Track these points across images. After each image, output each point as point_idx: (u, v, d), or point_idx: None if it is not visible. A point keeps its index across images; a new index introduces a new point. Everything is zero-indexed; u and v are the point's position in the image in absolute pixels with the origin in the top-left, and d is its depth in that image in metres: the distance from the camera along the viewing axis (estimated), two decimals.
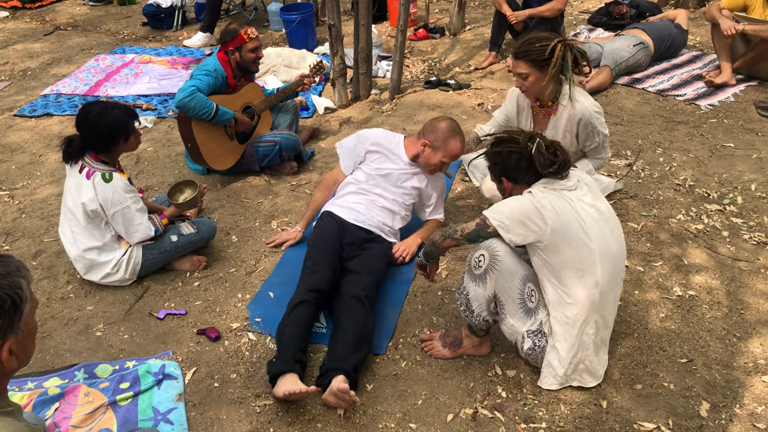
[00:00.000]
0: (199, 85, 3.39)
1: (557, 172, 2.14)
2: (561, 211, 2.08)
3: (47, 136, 4.50)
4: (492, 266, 2.19)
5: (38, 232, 3.41)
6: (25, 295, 1.30)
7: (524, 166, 2.17)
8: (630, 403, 2.26)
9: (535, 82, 2.71)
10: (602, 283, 2.13)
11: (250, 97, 3.77)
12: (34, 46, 6.37)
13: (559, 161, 2.13)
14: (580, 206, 2.12)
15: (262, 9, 7.00)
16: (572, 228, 2.08)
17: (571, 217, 2.09)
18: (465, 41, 6.07)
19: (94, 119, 2.66)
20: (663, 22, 5.25)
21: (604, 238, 2.13)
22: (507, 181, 2.24)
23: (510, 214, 2.13)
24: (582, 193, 2.16)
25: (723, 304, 2.70)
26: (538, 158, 2.13)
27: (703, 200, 3.41)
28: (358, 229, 2.89)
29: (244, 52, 3.59)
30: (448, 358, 2.49)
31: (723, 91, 4.64)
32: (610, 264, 2.15)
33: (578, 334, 2.18)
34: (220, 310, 2.79)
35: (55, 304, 2.87)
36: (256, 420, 2.25)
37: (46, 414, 2.25)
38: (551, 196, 2.11)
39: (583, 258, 2.10)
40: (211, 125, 3.53)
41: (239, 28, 3.56)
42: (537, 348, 2.25)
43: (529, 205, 2.10)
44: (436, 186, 3.12)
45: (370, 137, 3.08)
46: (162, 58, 5.82)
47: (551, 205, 2.08)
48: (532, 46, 2.65)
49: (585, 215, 2.11)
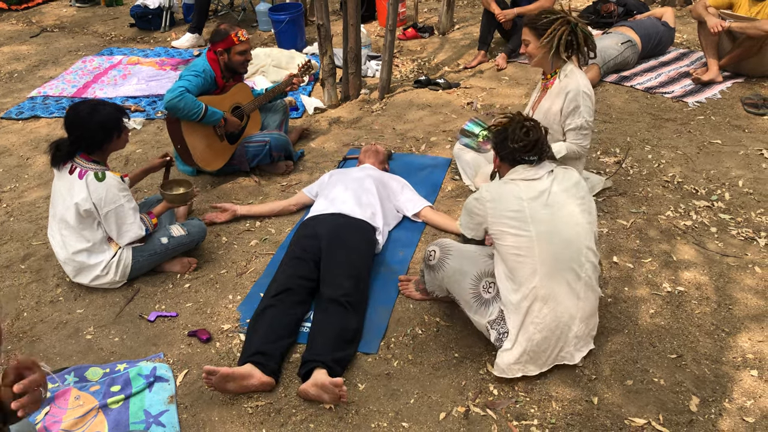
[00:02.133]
0: (187, 85, 3.37)
1: (524, 151, 2.30)
2: (502, 197, 2.26)
3: (35, 138, 4.46)
4: (440, 265, 2.43)
5: (26, 235, 3.38)
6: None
7: (506, 145, 2.36)
8: (621, 399, 2.27)
9: (535, 49, 2.93)
10: (542, 272, 2.21)
11: (239, 98, 3.76)
12: (21, 48, 6.32)
13: (528, 140, 2.30)
14: (530, 195, 2.25)
15: (251, 9, 6.98)
16: (510, 215, 2.23)
17: (511, 205, 2.24)
18: (454, 40, 6.08)
19: (87, 118, 2.64)
20: (650, 20, 5.29)
21: (550, 230, 2.22)
22: (496, 156, 2.46)
23: (464, 209, 2.44)
24: (541, 183, 2.29)
25: (712, 300, 2.72)
26: (511, 133, 2.33)
27: (692, 197, 3.44)
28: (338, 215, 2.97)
29: (232, 54, 3.57)
30: (417, 299, 2.77)
31: (710, 88, 4.68)
32: (553, 252, 2.21)
33: (523, 322, 2.25)
34: (211, 312, 2.78)
35: (44, 308, 2.85)
36: (248, 421, 2.25)
37: (37, 418, 2.24)
38: (500, 185, 2.31)
39: (520, 244, 2.22)
40: (201, 126, 3.51)
41: (230, 30, 3.54)
42: (502, 337, 2.32)
43: (475, 197, 2.36)
44: (393, 177, 3.44)
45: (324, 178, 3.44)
46: (150, 60, 5.79)
47: (492, 194, 2.29)
48: (539, 17, 2.90)
49: (531, 205, 2.24)
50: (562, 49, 2.85)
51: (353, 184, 3.17)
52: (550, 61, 2.95)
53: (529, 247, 2.22)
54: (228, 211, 3.37)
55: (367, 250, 2.89)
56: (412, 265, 3.02)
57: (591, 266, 2.29)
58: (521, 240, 2.22)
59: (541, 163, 2.34)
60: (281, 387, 2.38)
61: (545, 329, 2.25)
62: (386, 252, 3.10)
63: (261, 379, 2.31)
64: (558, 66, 2.97)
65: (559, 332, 2.28)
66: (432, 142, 4.19)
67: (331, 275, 2.67)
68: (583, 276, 2.27)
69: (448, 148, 4.07)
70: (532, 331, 2.26)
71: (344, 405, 2.28)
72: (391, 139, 4.25)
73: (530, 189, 2.27)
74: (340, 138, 4.30)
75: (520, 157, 2.32)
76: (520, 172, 2.32)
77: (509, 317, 2.29)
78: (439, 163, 3.89)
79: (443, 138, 4.22)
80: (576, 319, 2.29)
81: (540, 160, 2.34)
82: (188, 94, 3.35)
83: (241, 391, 2.31)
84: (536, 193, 2.26)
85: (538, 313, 2.24)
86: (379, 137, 4.29)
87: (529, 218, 2.22)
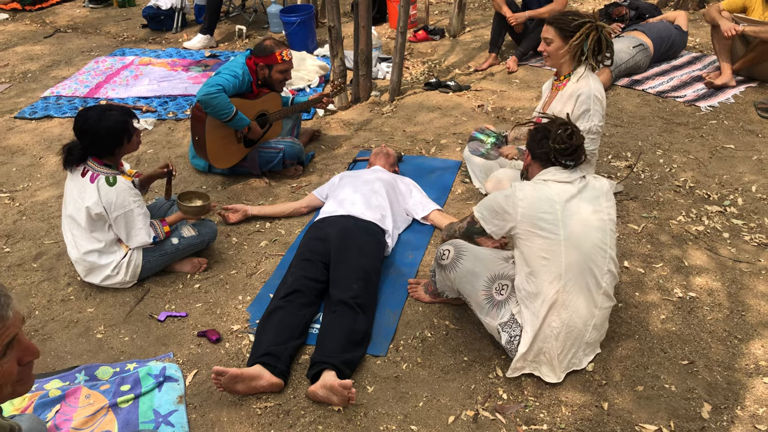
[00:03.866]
0: (225, 84, 3.39)
1: (565, 155, 2.27)
2: (537, 198, 2.21)
3: (47, 138, 4.50)
4: (453, 265, 2.41)
5: (39, 234, 3.41)
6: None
7: (544, 145, 2.31)
8: (631, 405, 2.26)
9: (556, 49, 2.92)
10: (566, 277, 2.19)
11: (268, 105, 3.77)
12: (35, 49, 6.37)
13: (569, 144, 2.26)
14: (563, 198, 2.21)
15: (262, 11, 7.00)
16: (543, 217, 2.19)
17: (545, 206, 2.19)
18: (465, 43, 6.07)
19: (95, 124, 2.65)
20: (663, 24, 5.26)
21: (578, 235, 2.19)
22: (528, 153, 2.41)
23: (488, 205, 2.33)
24: (572, 187, 2.25)
25: (724, 306, 2.70)
26: (554, 135, 2.27)
27: (704, 202, 3.41)
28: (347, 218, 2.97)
29: (273, 72, 3.60)
30: (426, 302, 2.77)
31: (723, 92, 4.65)
32: (579, 258, 2.19)
33: (541, 325, 2.24)
34: (220, 312, 2.79)
35: (55, 307, 2.87)
36: (257, 422, 2.25)
37: (47, 416, 2.25)
38: (534, 186, 2.25)
39: (549, 247, 2.19)
40: (224, 125, 3.53)
41: (275, 48, 3.56)
42: (513, 340, 2.30)
43: (506, 195, 2.27)
44: (403, 180, 3.44)
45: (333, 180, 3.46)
46: (162, 60, 5.82)
47: (526, 194, 2.22)
48: (566, 17, 2.89)
49: (564, 209, 2.20)
50: (589, 54, 2.85)
51: (363, 187, 3.17)
52: (568, 63, 2.95)
53: (556, 251, 2.19)
54: (239, 211, 3.38)
55: (376, 253, 2.89)
56: (421, 267, 3.02)
57: (611, 276, 2.28)
58: (550, 243, 2.19)
59: (575, 168, 2.32)
60: (290, 388, 2.38)
61: (561, 334, 2.24)
62: (395, 254, 3.09)
63: (270, 380, 2.31)
64: (572, 68, 2.96)
65: (574, 338, 2.27)
66: (442, 144, 4.18)
67: (341, 277, 2.67)
68: (603, 285, 2.26)
69: (458, 151, 4.06)
70: (549, 334, 2.25)
71: (353, 407, 2.28)
72: (401, 142, 4.25)
73: (563, 192, 2.24)
74: (351, 140, 4.31)
75: (557, 159, 2.29)
76: (552, 174, 2.29)
77: (526, 319, 2.27)
78: (449, 165, 3.88)
79: (453, 140, 4.22)
80: (590, 326, 2.28)
81: (575, 166, 2.32)
82: (224, 93, 3.37)
83: (250, 392, 2.32)
84: (568, 196, 2.23)
85: (556, 318, 2.23)
86: (389, 139, 4.29)
87: (560, 221, 2.19)
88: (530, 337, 2.25)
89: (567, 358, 2.30)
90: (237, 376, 2.25)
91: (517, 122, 4.18)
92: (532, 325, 2.25)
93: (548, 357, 2.28)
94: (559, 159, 2.29)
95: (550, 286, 2.21)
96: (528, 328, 2.26)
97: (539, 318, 2.23)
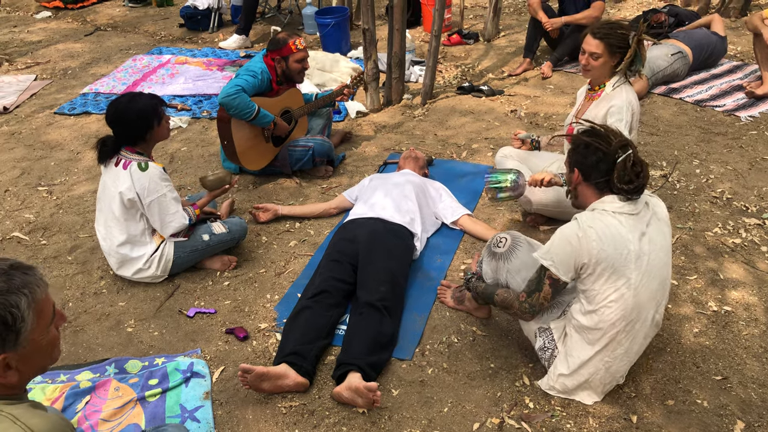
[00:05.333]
0: (244, 85, 3.43)
1: (631, 192, 2.01)
2: (607, 239, 1.98)
3: (85, 134, 4.59)
4: (508, 255, 2.30)
5: (74, 227, 3.48)
6: (22, 314, 1.28)
7: (602, 169, 2.04)
8: (661, 419, 2.21)
9: (603, 64, 2.84)
10: (630, 317, 2.06)
11: (290, 102, 3.80)
12: (75, 46, 6.52)
13: (638, 182, 2.00)
14: (632, 236, 2.01)
15: (297, 12, 7.05)
16: (614, 258, 1.99)
17: (617, 246, 1.98)
18: (499, 47, 6.03)
19: (125, 108, 2.70)
20: (702, 31, 5.15)
21: (647, 273, 2.04)
22: (578, 173, 2.11)
23: (556, 254, 2.06)
24: (643, 221, 2.05)
25: (761, 321, 2.63)
26: (620, 169, 1.99)
27: (741, 214, 3.33)
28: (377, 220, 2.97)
29: (290, 63, 3.63)
30: (450, 306, 2.74)
31: (764, 102, 4.53)
32: (646, 297, 2.06)
33: (592, 357, 2.13)
34: (248, 310, 2.81)
35: (88, 299, 2.93)
36: (282, 421, 2.26)
37: (77, 407, 2.29)
38: (601, 222, 2.00)
39: (619, 291, 2.02)
40: (250, 126, 3.56)
41: (288, 38, 3.59)
42: (547, 348, 2.25)
43: (573, 242, 2.01)
44: (433, 183, 3.44)
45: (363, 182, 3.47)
46: (197, 60, 5.90)
47: (597, 234, 1.98)
48: (614, 31, 2.77)
49: (634, 245, 2.00)
50: (626, 64, 2.78)
51: (393, 190, 3.16)
52: (608, 74, 2.89)
53: (626, 294, 2.02)
54: (269, 210, 3.40)
55: (404, 256, 2.88)
56: (449, 272, 3.00)
57: (665, 303, 2.19)
58: (620, 285, 2.01)
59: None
60: (315, 388, 2.38)
61: (613, 366, 2.16)
62: (424, 258, 3.08)
63: (295, 380, 2.32)
64: (608, 78, 2.91)
65: (624, 368, 2.21)
66: (474, 149, 4.16)
67: (368, 279, 2.67)
68: (657, 317, 2.16)
69: (490, 156, 4.03)
70: (600, 367, 2.16)
71: (377, 410, 2.27)
72: (432, 145, 4.24)
73: (634, 228, 2.01)
74: (381, 142, 4.31)
75: (619, 192, 2.03)
76: (616, 205, 2.03)
77: (574, 344, 2.16)
78: (480, 170, 3.85)
79: (485, 145, 4.19)
80: (638, 354, 2.21)
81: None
82: (244, 93, 3.40)
83: (276, 390, 2.33)
84: (639, 234, 2.02)
85: (611, 353, 2.12)
86: (420, 143, 4.28)
87: (633, 263, 2.00)
88: (576, 364, 2.16)
89: (611, 383, 2.24)
90: (263, 374, 2.26)
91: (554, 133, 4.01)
92: (581, 356, 2.15)
93: (592, 385, 2.21)
94: (624, 193, 2.03)
95: (612, 327, 2.07)
96: (575, 358, 2.16)
97: (591, 351, 2.13)
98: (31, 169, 4.14)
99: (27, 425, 1.23)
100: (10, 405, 1.30)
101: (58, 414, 1.47)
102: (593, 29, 2.83)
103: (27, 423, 1.24)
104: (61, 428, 1.28)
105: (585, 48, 2.85)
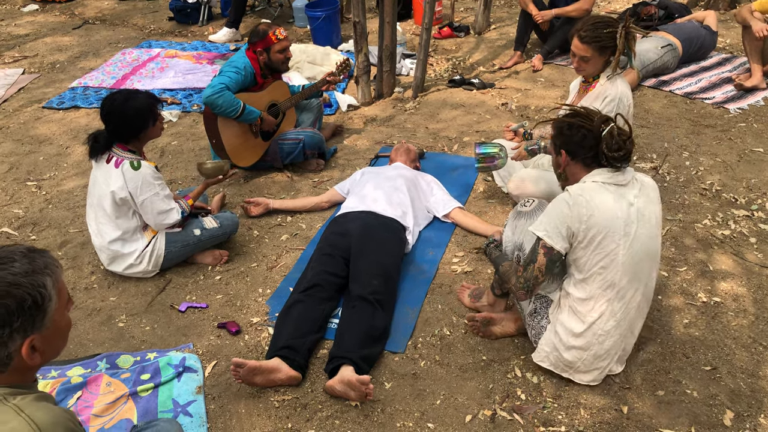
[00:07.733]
0: (228, 82, 3.40)
1: (619, 160, 2.07)
2: (596, 205, 2.04)
3: (74, 128, 4.56)
4: (532, 215, 2.34)
5: (64, 222, 3.46)
6: (49, 293, 1.30)
7: (588, 145, 2.10)
8: (652, 410, 2.23)
9: (594, 63, 2.86)
10: (620, 285, 2.10)
11: (276, 95, 3.78)
12: (63, 39, 6.46)
13: (627, 149, 2.07)
14: (620, 204, 2.06)
15: (287, 5, 7.02)
16: (602, 224, 2.04)
17: (605, 212, 2.04)
18: (490, 40, 6.03)
19: (122, 105, 2.69)
20: (692, 24, 5.17)
21: (635, 242, 2.08)
22: (566, 155, 2.17)
23: (549, 222, 2.11)
24: (631, 192, 2.10)
25: (749, 312, 2.65)
26: (608, 140, 2.06)
27: (730, 205, 3.35)
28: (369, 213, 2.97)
29: (272, 53, 3.60)
30: (465, 305, 2.73)
31: (753, 94, 4.56)
32: (635, 267, 2.11)
33: (584, 331, 2.17)
34: (240, 305, 2.81)
35: (79, 294, 2.91)
36: (275, 415, 2.26)
37: (69, 402, 2.28)
38: (590, 191, 2.06)
39: (609, 257, 2.07)
40: (237, 122, 3.54)
41: (268, 29, 3.57)
42: (537, 315, 2.28)
43: (564, 210, 2.07)
44: (424, 177, 3.44)
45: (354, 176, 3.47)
46: (187, 53, 5.87)
47: (586, 200, 2.04)
48: (601, 32, 2.76)
49: (622, 213, 2.06)
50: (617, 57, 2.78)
51: (385, 183, 3.16)
52: (601, 68, 2.91)
53: (615, 260, 2.07)
54: (261, 204, 3.40)
55: (396, 249, 2.88)
56: (441, 265, 3.01)
57: (654, 280, 2.22)
58: (610, 252, 2.06)
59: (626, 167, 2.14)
60: (308, 382, 2.39)
61: (607, 342, 2.18)
62: (416, 252, 3.09)
63: (288, 374, 2.32)
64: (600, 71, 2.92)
65: (618, 344, 2.22)
66: (465, 142, 4.16)
67: (361, 273, 2.67)
68: (648, 291, 2.20)
69: None
70: (594, 341, 2.18)
71: (370, 403, 2.28)
72: (423, 138, 4.24)
73: (623, 197, 2.08)
74: (373, 136, 4.30)
75: (609, 161, 2.09)
76: (605, 176, 2.09)
77: (571, 319, 2.19)
78: (471, 163, 3.85)
79: (476, 138, 4.19)
80: (632, 333, 2.23)
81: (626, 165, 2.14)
82: (228, 91, 3.38)
83: (268, 384, 2.33)
84: (626, 203, 2.07)
85: (603, 325, 2.15)
86: (411, 136, 4.28)
87: (622, 230, 2.05)
88: (568, 336, 2.19)
89: (607, 363, 2.24)
90: (256, 369, 2.26)
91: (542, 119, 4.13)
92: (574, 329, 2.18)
93: (587, 363, 2.23)
94: (612, 162, 2.08)
95: (602, 295, 2.11)
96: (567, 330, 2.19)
97: (585, 324, 2.16)
98: (19, 163, 4.11)
99: (31, 417, 1.22)
100: (17, 395, 1.29)
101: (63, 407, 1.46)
102: (580, 33, 2.80)
103: (31, 415, 1.23)
104: (65, 421, 1.27)
105: (574, 51, 2.86)
